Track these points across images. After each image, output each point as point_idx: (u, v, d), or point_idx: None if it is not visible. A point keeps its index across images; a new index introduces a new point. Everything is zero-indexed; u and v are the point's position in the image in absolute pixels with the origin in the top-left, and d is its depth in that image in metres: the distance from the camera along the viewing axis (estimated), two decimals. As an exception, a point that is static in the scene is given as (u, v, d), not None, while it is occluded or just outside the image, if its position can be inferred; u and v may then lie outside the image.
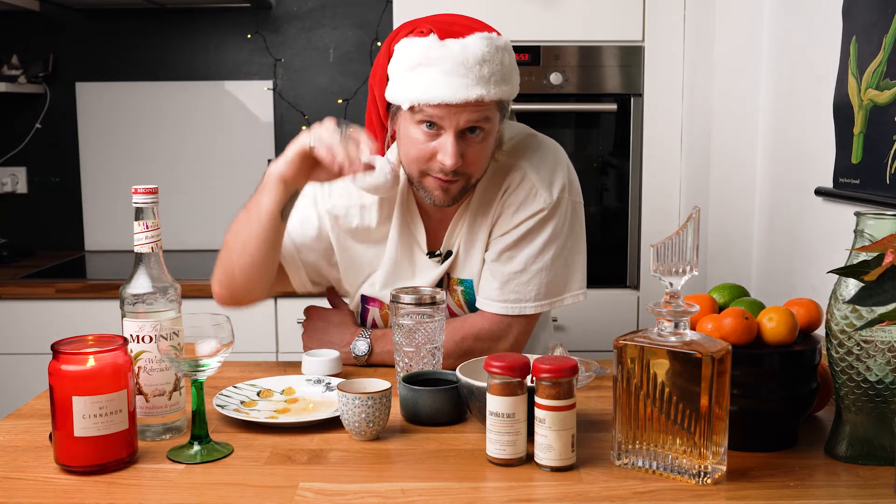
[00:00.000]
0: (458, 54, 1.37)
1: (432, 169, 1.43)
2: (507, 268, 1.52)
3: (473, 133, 1.42)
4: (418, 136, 1.42)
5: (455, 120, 1.39)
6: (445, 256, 1.56)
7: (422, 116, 1.40)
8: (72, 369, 1.08)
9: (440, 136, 1.41)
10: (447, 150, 1.40)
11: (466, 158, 1.42)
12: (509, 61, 1.43)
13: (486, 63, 1.38)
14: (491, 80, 1.38)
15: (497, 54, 1.40)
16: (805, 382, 1.15)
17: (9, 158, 3.12)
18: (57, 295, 2.55)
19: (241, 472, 1.10)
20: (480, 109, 1.39)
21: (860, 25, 1.72)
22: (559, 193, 1.51)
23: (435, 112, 1.39)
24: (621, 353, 1.09)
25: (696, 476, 1.06)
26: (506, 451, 1.11)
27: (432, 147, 1.42)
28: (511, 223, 1.51)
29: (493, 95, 1.39)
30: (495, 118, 1.44)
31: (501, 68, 1.40)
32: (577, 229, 1.55)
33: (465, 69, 1.37)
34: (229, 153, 3.11)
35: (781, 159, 2.16)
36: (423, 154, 1.43)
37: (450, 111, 1.38)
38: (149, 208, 1.18)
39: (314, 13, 3.08)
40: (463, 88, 1.36)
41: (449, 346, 1.48)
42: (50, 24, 3.07)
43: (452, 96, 1.36)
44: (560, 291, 1.55)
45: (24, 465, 1.13)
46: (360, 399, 1.18)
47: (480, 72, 1.37)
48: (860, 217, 1.10)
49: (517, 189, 1.51)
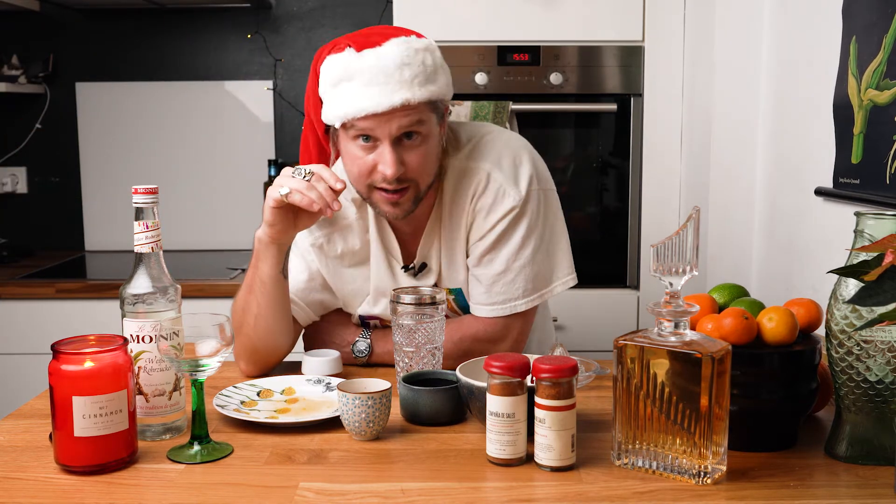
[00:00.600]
0: (375, 64, 1.37)
1: (376, 181, 1.43)
2: (489, 270, 1.52)
3: (410, 138, 1.41)
4: (356, 151, 1.43)
5: (387, 129, 1.39)
6: (420, 269, 1.57)
7: (355, 131, 1.41)
8: (72, 369, 1.08)
9: (377, 148, 1.41)
10: (385, 160, 1.40)
11: (409, 165, 1.42)
12: (432, 61, 1.42)
13: (406, 66, 1.38)
14: (414, 83, 1.38)
15: (416, 56, 1.39)
16: (805, 382, 1.15)
17: (9, 158, 3.12)
18: (57, 295, 2.55)
19: (241, 472, 1.11)
20: (410, 113, 1.39)
21: (860, 25, 1.72)
22: (527, 187, 1.50)
23: (366, 125, 1.39)
24: (621, 353, 1.09)
25: (696, 476, 1.06)
26: (506, 451, 1.11)
27: (371, 160, 1.42)
28: (485, 227, 1.51)
29: (420, 97, 1.38)
30: (430, 120, 1.43)
31: (424, 69, 1.40)
32: (551, 218, 1.55)
33: (385, 76, 1.37)
34: (229, 153, 3.12)
35: (781, 159, 2.16)
36: (363, 169, 1.43)
37: (379, 121, 1.38)
38: (149, 208, 1.18)
39: (314, 13, 3.08)
40: (386, 95, 1.36)
41: (448, 346, 1.48)
42: (50, 24, 3.07)
43: (377, 106, 1.36)
44: (548, 282, 1.54)
45: (24, 465, 1.13)
46: (360, 399, 1.18)
47: (401, 76, 1.37)
48: (860, 217, 1.10)
49: (484, 192, 1.50)
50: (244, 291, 1.50)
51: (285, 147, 3.12)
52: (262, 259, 1.46)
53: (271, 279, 1.46)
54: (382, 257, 1.56)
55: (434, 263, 1.56)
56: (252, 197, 3.10)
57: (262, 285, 1.47)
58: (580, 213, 2.64)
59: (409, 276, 1.57)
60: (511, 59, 2.51)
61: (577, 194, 2.65)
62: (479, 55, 2.51)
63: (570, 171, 2.64)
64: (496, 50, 2.50)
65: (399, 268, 1.57)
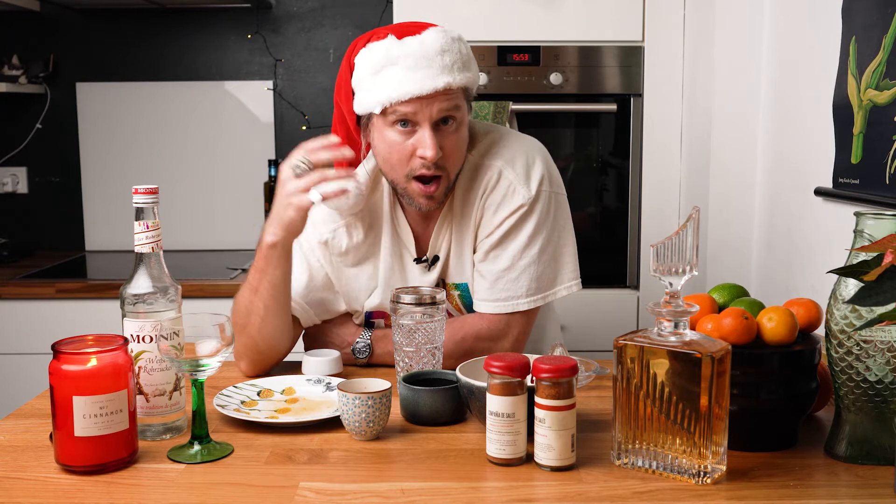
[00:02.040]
0: (418, 49, 1.41)
1: (415, 168, 1.45)
2: (494, 266, 1.52)
3: (447, 124, 1.45)
4: (395, 137, 1.45)
5: (428, 112, 1.42)
6: (432, 262, 1.57)
7: (395, 116, 1.43)
8: (72, 369, 1.08)
9: (416, 133, 1.44)
10: (426, 143, 1.42)
11: (445, 150, 1.45)
12: (466, 51, 1.47)
13: (447, 53, 1.42)
14: (454, 68, 1.43)
15: (454, 44, 1.44)
16: (805, 382, 1.15)
17: (9, 158, 3.12)
18: (57, 295, 2.55)
19: (241, 472, 1.11)
20: (450, 98, 1.43)
21: (860, 25, 1.72)
22: (537, 187, 1.52)
23: (408, 109, 1.41)
24: (621, 353, 1.09)
25: (696, 476, 1.06)
26: (506, 451, 1.12)
27: (411, 145, 1.44)
28: (493, 223, 1.52)
29: (459, 82, 1.43)
30: (464, 107, 1.48)
31: (461, 56, 1.44)
32: (561, 221, 1.56)
33: (428, 61, 1.41)
34: (229, 153, 3.12)
35: (781, 159, 2.16)
36: (403, 154, 1.45)
37: (421, 104, 1.41)
38: (149, 208, 1.18)
39: (314, 13, 3.08)
40: (430, 79, 1.40)
41: (449, 346, 1.48)
42: (50, 24, 3.07)
43: (421, 88, 1.40)
44: (552, 284, 1.55)
45: (24, 464, 1.13)
46: (360, 399, 1.19)
47: (443, 61, 1.41)
48: (860, 217, 1.10)
49: (495, 188, 1.52)
50: (248, 292, 1.50)
51: (285, 147, 3.12)
52: (271, 264, 1.45)
53: (282, 283, 1.47)
54: (394, 250, 1.57)
55: (444, 256, 1.57)
56: (252, 197, 3.11)
57: (272, 288, 1.46)
58: (580, 213, 2.64)
59: (421, 268, 1.57)
60: (511, 60, 2.51)
61: (577, 194, 2.64)
62: (479, 55, 2.50)
63: (570, 171, 2.64)
64: (496, 50, 2.50)
65: (411, 260, 1.57)
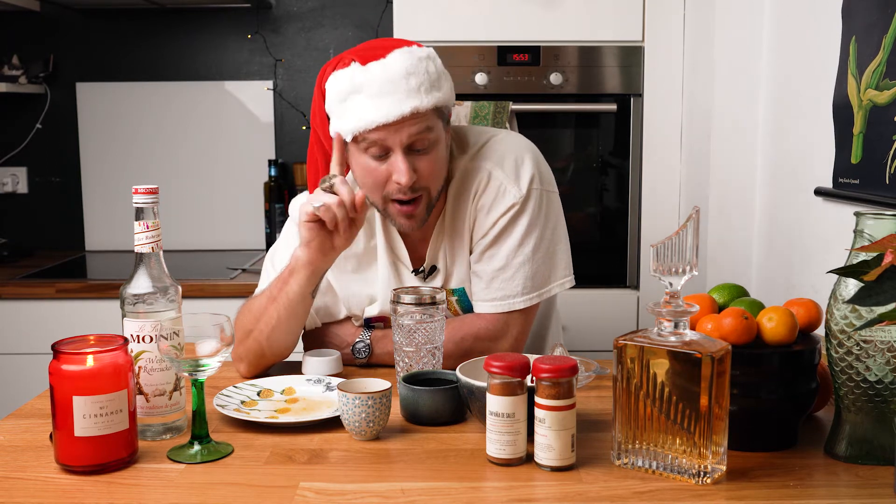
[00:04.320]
0: (381, 74, 1.39)
1: (391, 193, 1.45)
2: (489, 266, 1.53)
3: (421, 147, 1.43)
4: (369, 163, 1.44)
5: (398, 138, 1.40)
6: (429, 272, 1.57)
7: (366, 144, 1.42)
8: (72, 369, 1.08)
9: (389, 158, 1.43)
10: (399, 168, 1.41)
11: (420, 172, 1.43)
12: (434, 69, 1.44)
13: (412, 75, 1.40)
14: (421, 90, 1.40)
15: (420, 64, 1.41)
16: (805, 382, 1.15)
17: (9, 158, 3.12)
18: (57, 295, 2.55)
19: (241, 472, 1.11)
20: (419, 121, 1.41)
21: (860, 25, 1.72)
22: (528, 185, 1.52)
23: (377, 136, 1.40)
24: (621, 353, 1.09)
25: (696, 476, 1.06)
26: (506, 451, 1.12)
27: (385, 170, 1.43)
28: (487, 224, 1.52)
29: (427, 104, 1.40)
30: (437, 126, 1.45)
31: (428, 77, 1.42)
32: (553, 219, 1.56)
33: (393, 86, 1.39)
34: (229, 153, 3.12)
35: (781, 159, 2.16)
36: (378, 180, 1.44)
37: (389, 131, 1.40)
38: (149, 208, 1.18)
39: (314, 13, 3.08)
40: (396, 105, 1.38)
41: (449, 346, 1.48)
42: (50, 24, 3.07)
43: (387, 116, 1.38)
44: (546, 282, 1.55)
45: (24, 464, 1.13)
46: (360, 399, 1.19)
47: (408, 85, 1.39)
48: (860, 217, 1.10)
49: (486, 190, 1.52)
50: (265, 299, 1.49)
51: (285, 147, 3.12)
52: (294, 277, 1.44)
53: (299, 297, 1.45)
54: (390, 262, 1.57)
55: (441, 265, 1.57)
56: (252, 197, 3.11)
57: (288, 301, 1.45)
58: (580, 213, 2.64)
59: (418, 279, 1.57)
60: (511, 60, 2.51)
61: (577, 194, 2.65)
62: (479, 55, 2.51)
63: (570, 171, 2.64)
64: (496, 50, 2.50)
65: (407, 272, 1.58)
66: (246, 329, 1.49)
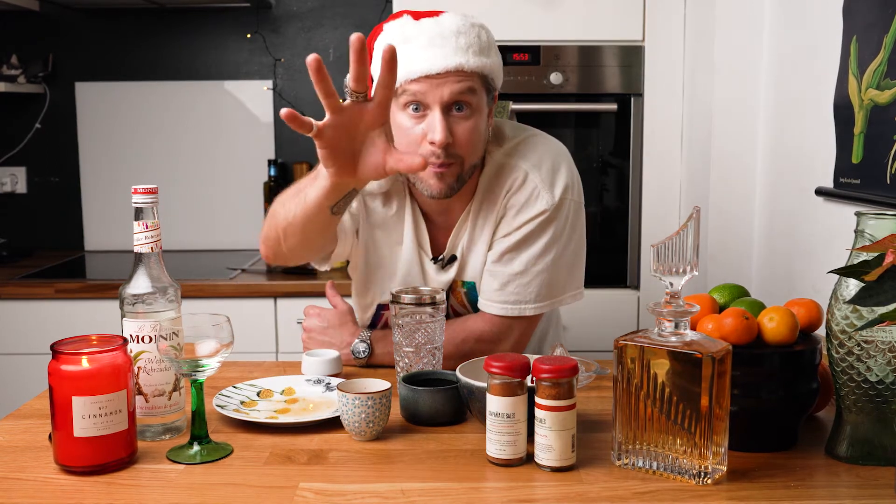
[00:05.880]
0: (433, 28, 1.38)
1: (425, 156, 1.40)
2: (508, 269, 1.52)
3: (460, 110, 1.41)
4: (405, 122, 1.41)
5: (438, 93, 1.38)
6: (449, 261, 1.56)
7: (406, 98, 1.40)
8: (71, 369, 1.07)
9: (426, 117, 1.40)
10: (435, 127, 1.38)
11: (457, 137, 1.40)
12: (486, 38, 1.43)
13: (462, 35, 1.39)
14: (469, 51, 1.38)
15: (472, 29, 1.41)
16: (805, 383, 1.15)
17: (8, 158, 3.12)
18: (56, 295, 2.54)
19: (240, 472, 1.10)
20: (462, 79, 1.38)
21: (860, 25, 1.72)
22: (561, 195, 1.50)
23: (417, 88, 1.38)
24: (621, 353, 1.09)
25: (697, 476, 1.05)
26: (506, 452, 1.11)
27: (421, 130, 1.41)
28: (513, 225, 1.51)
29: (473, 65, 1.39)
30: (481, 93, 1.42)
31: (479, 41, 1.41)
32: (578, 230, 1.55)
33: (442, 40, 1.38)
34: (229, 153, 3.11)
35: (782, 159, 2.16)
36: (412, 140, 1.41)
37: (431, 84, 1.37)
38: (149, 208, 1.18)
39: (314, 13, 3.08)
40: (441, 58, 1.37)
41: (449, 348, 1.48)
42: (49, 24, 3.07)
43: (431, 67, 1.36)
44: (560, 292, 1.54)
45: (23, 465, 1.13)
46: (360, 399, 1.18)
47: (457, 42, 1.38)
48: (861, 217, 1.10)
49: (519, 190, 1.50)
50: (294, 189, 1.41)
51: (285, 147, 3.12)
52: (316, 182, 1.31)
53: (316, 205, 1.33)
54: (414, 249, 1.56)
55: (459, 255, 1.56)
56: (252, 197, 3.10)
57: (305, 204, 1.35)
58: (580, 213, 2.63)
59: (437, 267, 1.56)
60: (511, 59, 2.50)
61: (577, 194, 2.64)
62: (479, 55, 2.50)
63: (570, 171, 2.63)
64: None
65: (427, 260, 1.56)
66: (274, 209, 1.45)
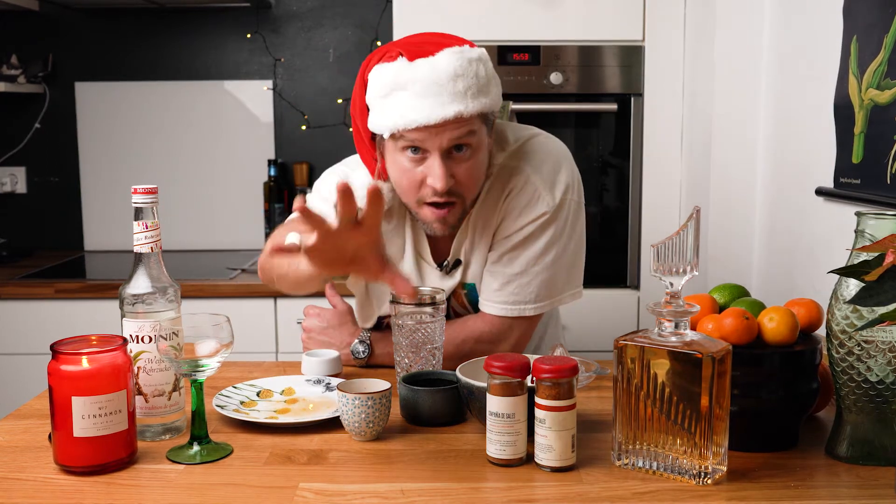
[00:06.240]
0: (429, 74, 1.32)
1: (425, 196, 1.41)
2: (508, 269, 1.51)
3: (460, 151, 1.38)
4: (405, 163, 1.39)
5: (438, 141, 1.35)
6: (453, 266, 1.56)
7: (404, 143, 1.37)
8: (71, 369, 1.07)
9: (426, 160, 1.38)
10: (435, 173, 1.36)
11: (458, 178, 1.39)
12: (485, 72, 1.38)
13: (460, 78, 1.33)
14: (467, 95, 1.34)
15: (470, 67, 1.35)
16: (805, 383, 1.15)
17: (8, 158, 3.12)
18: (56, 295, 2.54)
19: (240, 472, 1.10)
20: (462, 125, 1.35)
21: (861, 25, 1.72)
22: (562, 195, 1.50)
23: (416, 136, 1.35)
24: (621, 353, 1.09)
25: (697, 476, 1.05)
26: (506, 452, 1.11)
27: (420, 172, 1.39)
28: (514, 227, 1.50)
29: (472, 110, 1.34)
30: (481, 131, 1.40)
31: (477, 81, 1.35)
32: (578, 230, 1.55)
33: (438, 87, 1.32)
34: (229, 153, 3.11)
35: (782, 159, 2.16)
36: (412, 182, 1.40)
37: (430, 133, 1.34)
38: (148, 208, 1.18)
39: (314, 13, 3.08)
40: (439, 107, 1.32)
41: (449, 349, 1.48)
42: (49, 24, 3.07)
43: (429, 118, 1.32)
44: (559, 291, 1.54)
45: (23, 465, 1.13)
46: (360, 399, 1.18)
47: (455, 88, 1.33)
48: (861, 217, 1.10)
49: (520, 193, 1.49)
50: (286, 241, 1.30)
51: (285, 147, 3.12)
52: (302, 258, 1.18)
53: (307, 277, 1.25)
54: (415, 259, 1.56)
55: (463, 258, 1.55)
56: (251, 197, 3.10)
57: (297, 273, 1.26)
58: (580, 213, 2.63)
59: (441, 273, 1.56)
60: (511, 59, 2.50)
61: (577, 194, 2.64)
62: (479, 55, 2.50)
63: (570, 171, 2.63)
64: (496, 50, 2.50)
65: (429, 268, 1.56)
66: (267, 248, 1.41)
